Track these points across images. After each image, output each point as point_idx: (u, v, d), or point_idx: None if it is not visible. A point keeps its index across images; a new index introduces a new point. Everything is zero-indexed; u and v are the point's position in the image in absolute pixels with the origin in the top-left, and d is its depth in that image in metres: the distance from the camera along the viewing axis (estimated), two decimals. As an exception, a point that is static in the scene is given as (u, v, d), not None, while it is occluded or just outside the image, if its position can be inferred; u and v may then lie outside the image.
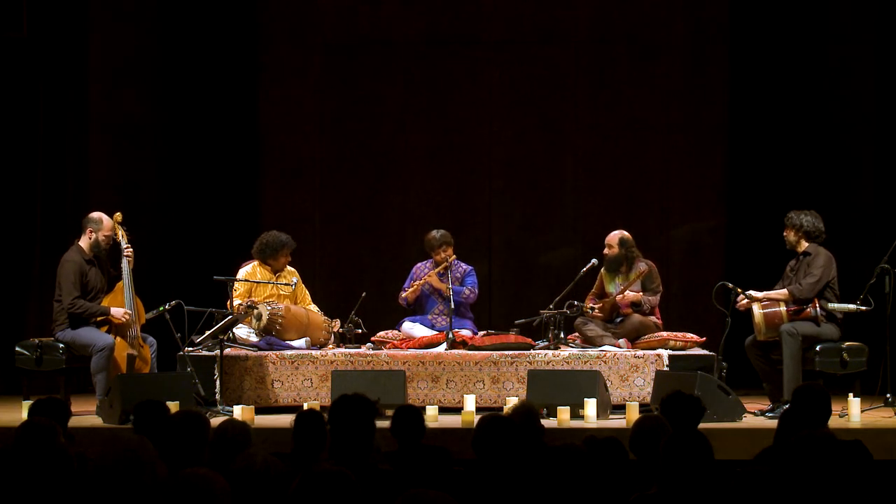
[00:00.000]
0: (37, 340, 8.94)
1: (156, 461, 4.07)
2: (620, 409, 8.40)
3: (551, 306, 9.36)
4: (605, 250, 9.52)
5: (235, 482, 4.24)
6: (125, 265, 8.82)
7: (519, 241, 11.41)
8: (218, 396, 8.59)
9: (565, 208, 11.41)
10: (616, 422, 8.24)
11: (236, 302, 9.08)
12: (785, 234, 8.98)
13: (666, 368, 8.80)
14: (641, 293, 9.39)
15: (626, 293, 9.34)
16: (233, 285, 9.19)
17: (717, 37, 11.29)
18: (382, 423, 5.27)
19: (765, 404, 8.83)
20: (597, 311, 9.43)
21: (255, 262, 9.49)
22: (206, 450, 5.13)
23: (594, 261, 9.62)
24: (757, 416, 8.59)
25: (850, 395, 8.40)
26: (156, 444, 4.33)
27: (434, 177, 11.48)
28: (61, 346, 8.73)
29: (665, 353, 8.97)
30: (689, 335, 9.31)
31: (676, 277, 11.03)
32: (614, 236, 9.52)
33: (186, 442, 5.06)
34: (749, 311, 8.86)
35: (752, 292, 8.85)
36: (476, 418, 7.89)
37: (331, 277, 11.24)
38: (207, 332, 8.67)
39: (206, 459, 5.09)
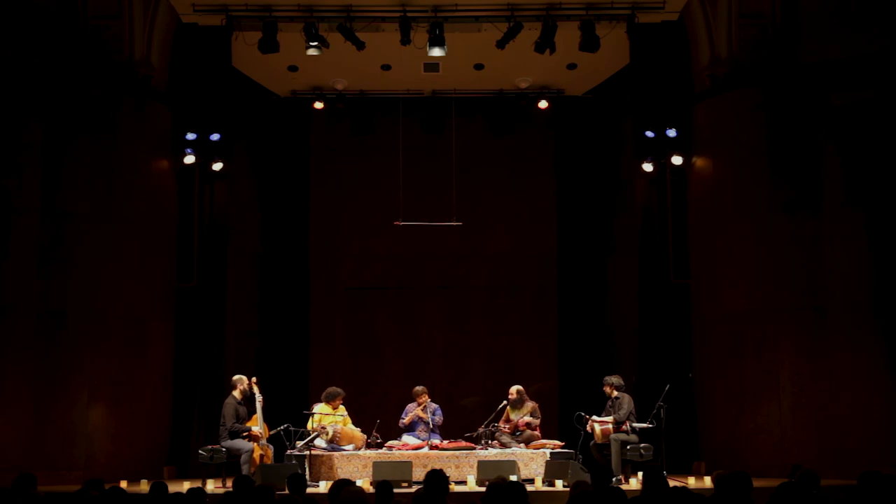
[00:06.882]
0: (210, 446, 15.03)
1: None
2: (528, 482, 14.94)
3: (482, 427, 16.31)
4: (511, 396, 16.40)
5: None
6: (258, 405, 15.22)
7: (449, 393, 18.74)
8: (307, 475, 14.95)
9: (477, 375, 18.88)
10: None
11: (315, 425, 15.90)
12: (604, 388, 15.95)
13: (548, 458, 15.91)
14: (531, 419, 16.66)
15: (522, 419, 16.62)
16: (312, 415, 15.99)
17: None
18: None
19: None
20: (506, 429, 16.40)
21: (322, 403, 16.15)
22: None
23: (504, 402, 16.54)
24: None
25: (640, 473, 14.56)
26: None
27: (406, 357, 18.81)
28: (223, 449, 14.95)
29: (547, 451, 15.88)
30: (556, 441, 16.24)
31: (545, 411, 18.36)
32: (514, 390, 16.43)
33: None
34: (592, 428, 16.00)
35: (595, 417, 16.16)
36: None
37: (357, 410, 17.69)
38: (301, 443, 15.07)
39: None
